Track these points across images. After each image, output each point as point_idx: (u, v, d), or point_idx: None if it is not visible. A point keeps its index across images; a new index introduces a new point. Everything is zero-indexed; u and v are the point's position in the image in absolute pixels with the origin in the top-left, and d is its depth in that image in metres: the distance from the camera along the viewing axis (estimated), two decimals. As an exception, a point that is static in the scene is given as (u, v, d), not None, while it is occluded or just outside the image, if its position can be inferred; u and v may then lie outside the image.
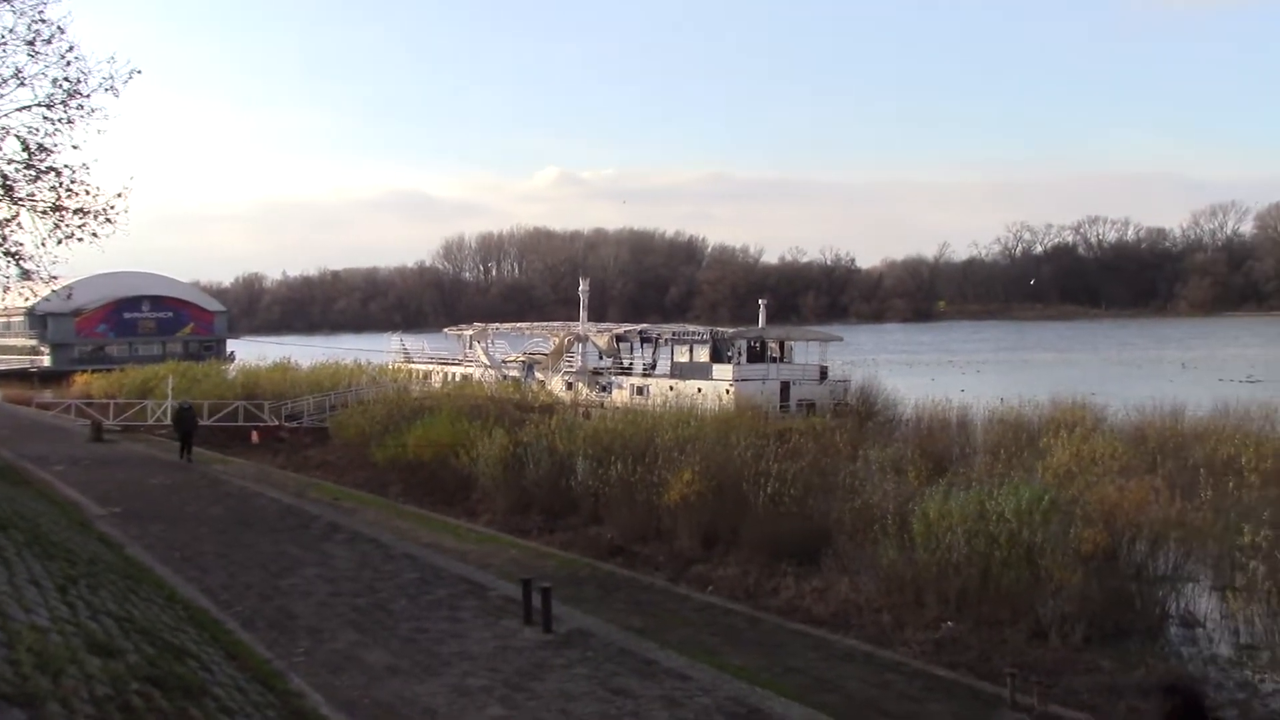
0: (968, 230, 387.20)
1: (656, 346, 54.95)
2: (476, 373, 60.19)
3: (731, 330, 56.54)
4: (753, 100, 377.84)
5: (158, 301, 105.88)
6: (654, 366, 53.85)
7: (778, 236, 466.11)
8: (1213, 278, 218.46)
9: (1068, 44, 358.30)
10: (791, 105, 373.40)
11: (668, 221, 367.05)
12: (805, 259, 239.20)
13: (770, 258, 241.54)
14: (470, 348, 65.62)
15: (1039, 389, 44.88)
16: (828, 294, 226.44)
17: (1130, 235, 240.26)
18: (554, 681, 14.02)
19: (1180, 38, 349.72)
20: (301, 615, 17.59)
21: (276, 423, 49.81)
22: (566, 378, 55.53)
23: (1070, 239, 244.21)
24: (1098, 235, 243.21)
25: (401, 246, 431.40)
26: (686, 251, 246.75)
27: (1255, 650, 16.75)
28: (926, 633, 17.57)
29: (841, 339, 58.80)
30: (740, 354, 49.36)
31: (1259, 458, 25.91)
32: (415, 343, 77.39)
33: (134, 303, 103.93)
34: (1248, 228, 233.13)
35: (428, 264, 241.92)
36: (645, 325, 60.62)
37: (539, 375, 57.41)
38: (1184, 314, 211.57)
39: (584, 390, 52.87)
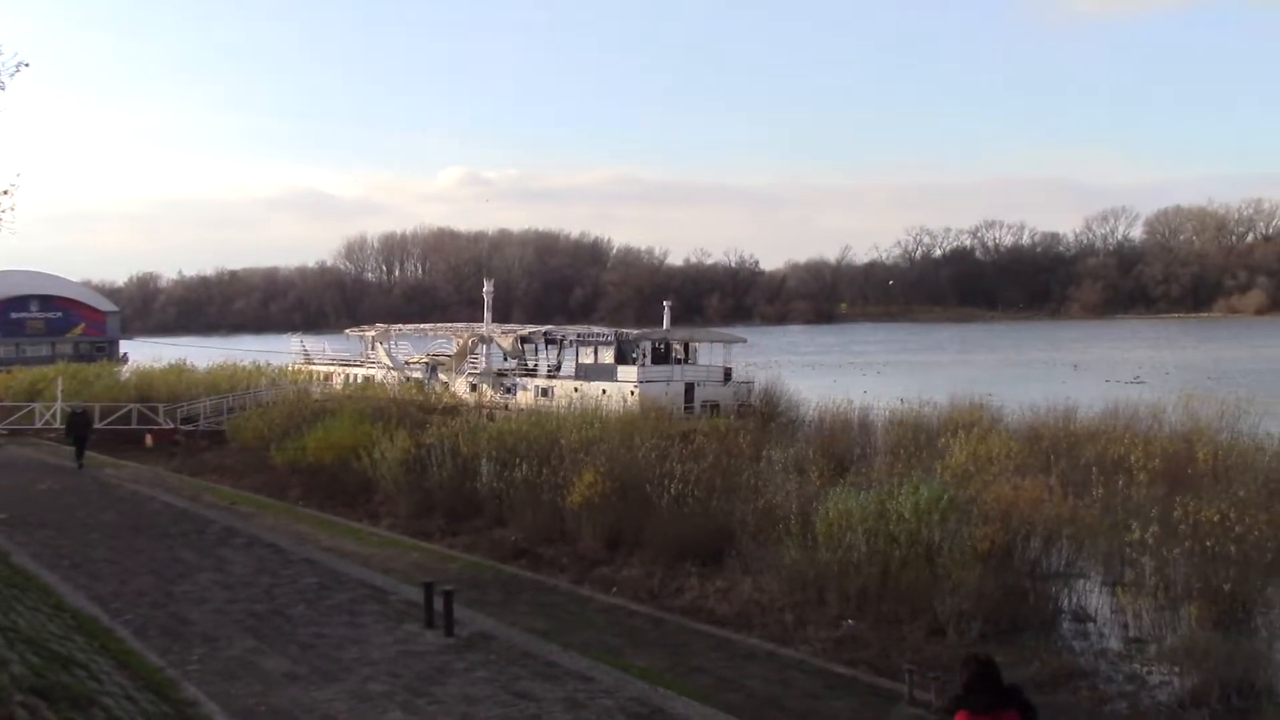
0: (869, 233, 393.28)
1: (561, 348, 54.83)
2: (379, 374, 59.48)
3: (636, 332, 56.60)
4: (657, 102, 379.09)
5: (46, 301, 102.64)
6: (559, 368, 53.71)
7: (682, 238, 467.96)
8: (1104, 281, 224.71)
9: (966, 49, 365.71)
10: (695, 108, 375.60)
11: (572, 222, 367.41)
12: (710, 261, 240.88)
13: (675, 259, 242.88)
14: (372, 349, 64.79)
15: (938, 390, 45.65)
16: (732, 296, 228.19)
17: (1025, 239, 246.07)
18: (456, 685, 13.90)
19: (1075, 45, 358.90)
20: (196, 622, 17.23)
21: (171, 426, 48.66)
22: (470, 379, 55.13)
23: (968, 243, 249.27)
24: (994, 239, 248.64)
25: (302, 246, 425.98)
26: (591, 253, 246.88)
27: (1143, 643, 17.20)
28: (828, 631, 17.77)
29: (745, 340, 59.16)
30: (645, 355, 49.41)
31: (1147, 457, 26.59)
32: (316, 344, 76.23)
33: (21, 302, 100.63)
34: (1137, 233, 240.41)
35: (329, 264, 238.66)
36: (550, 326, 60.43)
37: (442, 377, 56.90)
38: (1076, 316, 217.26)
39: (488, 392, 52.53)
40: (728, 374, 49.99)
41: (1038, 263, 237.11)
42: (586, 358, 51.53)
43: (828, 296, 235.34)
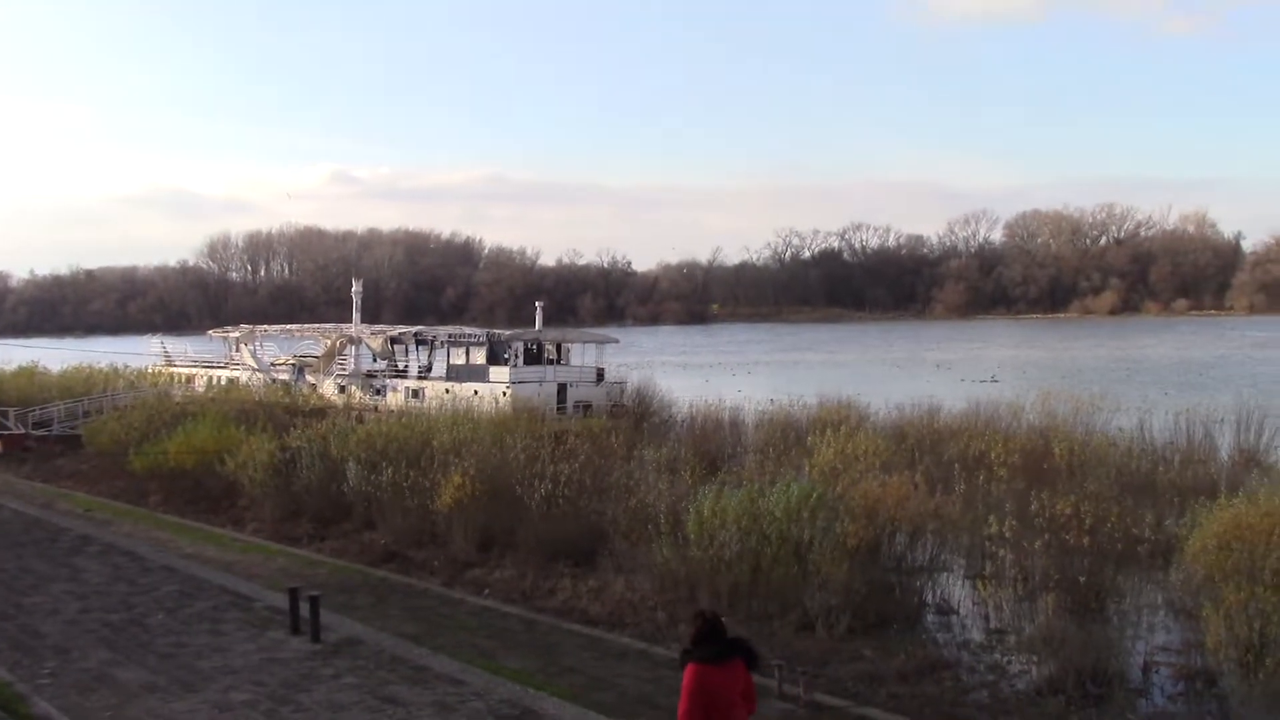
0: (740, 235, 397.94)
1: (432, 349, 54.17)
2: (244, 376, 58.03)
3: (508, 332, 56.28)
4: (528, 102, 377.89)
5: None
6: (429, 369, 53.08)
7: (555, 239, 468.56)
8: (966, 282, 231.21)
9: (832, 51, 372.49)
10: (566, 108, 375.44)
11: (444, 222, 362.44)
12: (582, 262, 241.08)
13: (547, 260, 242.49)
14: (237, 350, 63.13)
15: (807, 389, 46.38)
16: (605, 296, 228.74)
17: (891, 241, 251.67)
18: (322, 692, 13.61)
19: (936, 49, 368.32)
20: (48, 634, 16.57)
21: (23, 431, 46.78)
22: (339, 381, 54.16)
23: (836, 244, 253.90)
24: (861, 241, 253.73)
25: (164, 245, 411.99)
26: (463, 253, 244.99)
27: (1003, 634, 17.70)
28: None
29: (618, 341, 59.30)
30: (517, 356, 49.16)
31: (1007, 453, 27.40)
32: (177, 345, 74.11)
33: None
34: (998, 235, 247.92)
35: (191, 263, 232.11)
36: (421, 327, 59.72)
37: (310, 378, 55.79)
38: (940, 316, 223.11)
39: (357, 394, 51.67)
40: (600, 374, 50.02)
41: (903, 264, 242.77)
42: (458, 359, 51.06)
43: (699, 297, 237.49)
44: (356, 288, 59.07)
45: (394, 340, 55.70)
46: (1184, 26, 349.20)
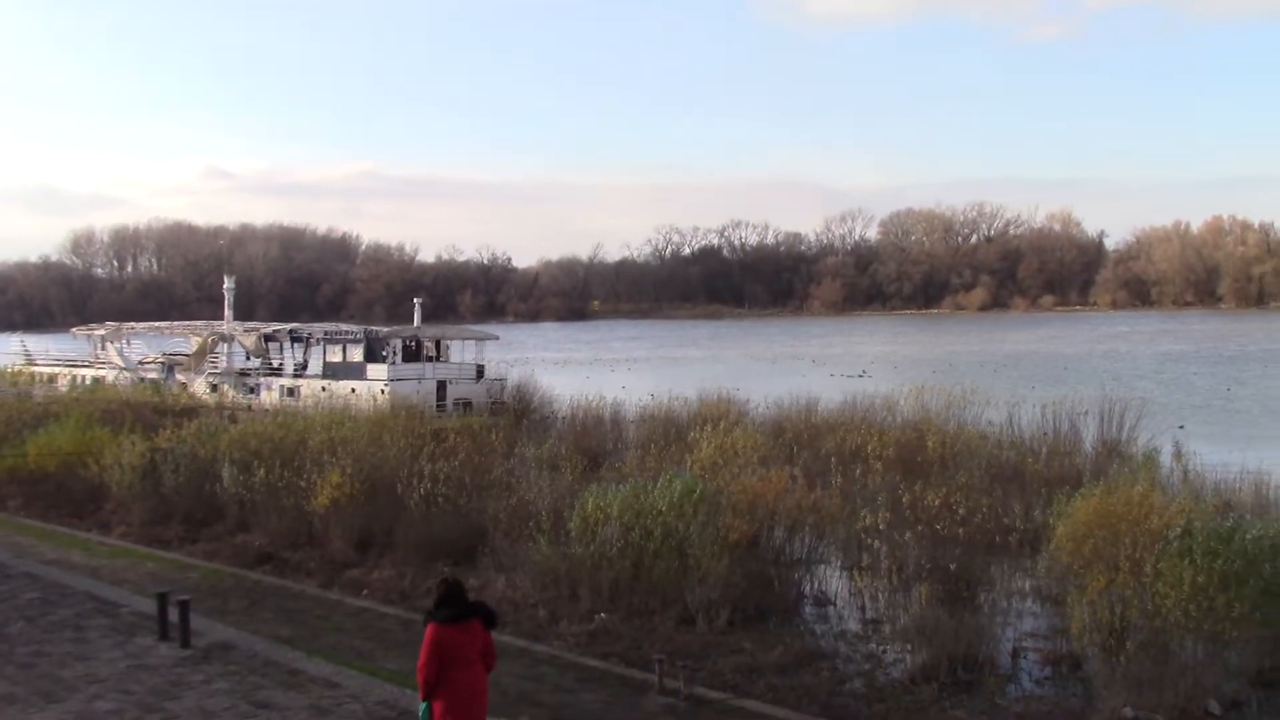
0: (621, 232, 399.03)
1: (308, 346, 53.24)
2: (110, 375, 56.28)
3: (386, 329, 55.62)
4: (406, 96, 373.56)
5: None
6: (305, 367, 52.16)
7: (434, 235, 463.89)
8: (843, 279, 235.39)
9: (708, 52, 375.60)
10: (444, 103, 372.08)
11: (320, 217, 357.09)
12: (462, 258, 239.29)
13: (426, 256, 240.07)
14: (102, 349, 61.19)
15: (687, 385, 46.69)
16: (485, 293, 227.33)
17: (770, 239, 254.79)
18: (192, 699, 13.25)
19: (807, 49, 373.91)
20: (-102, 646, 15.81)
21: None
22: (211, 379, 52.88)
23: (716, 241, 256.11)
24: (740, 238, 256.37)
25: (25, 241, 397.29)
26: (340, 249, 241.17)
27: (879, 624, 18.04)
28: (581, 625, 17.84)
29: (498, 338, 59.05)
30: (395, 353, 48.61)
31: (882, 446, 27.93)
32: (39, 344, 71.65)
33: None
34: (873, 233, 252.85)
35: (54, 259, 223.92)
36: (296, 324, 58.64)
37: (180, 377, 54.37)
38: (817, 313, 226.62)
39: (230, 392, 50.51)
40: (480, 371, 49.75)
41: (781, 261, 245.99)
42: (334, 356, 50.25)
43: (580, 294, 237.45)
44: (229, 284, 57.75)
45: (268, 338, 54.61)
46: (1048, 32, 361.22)
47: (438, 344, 51.41)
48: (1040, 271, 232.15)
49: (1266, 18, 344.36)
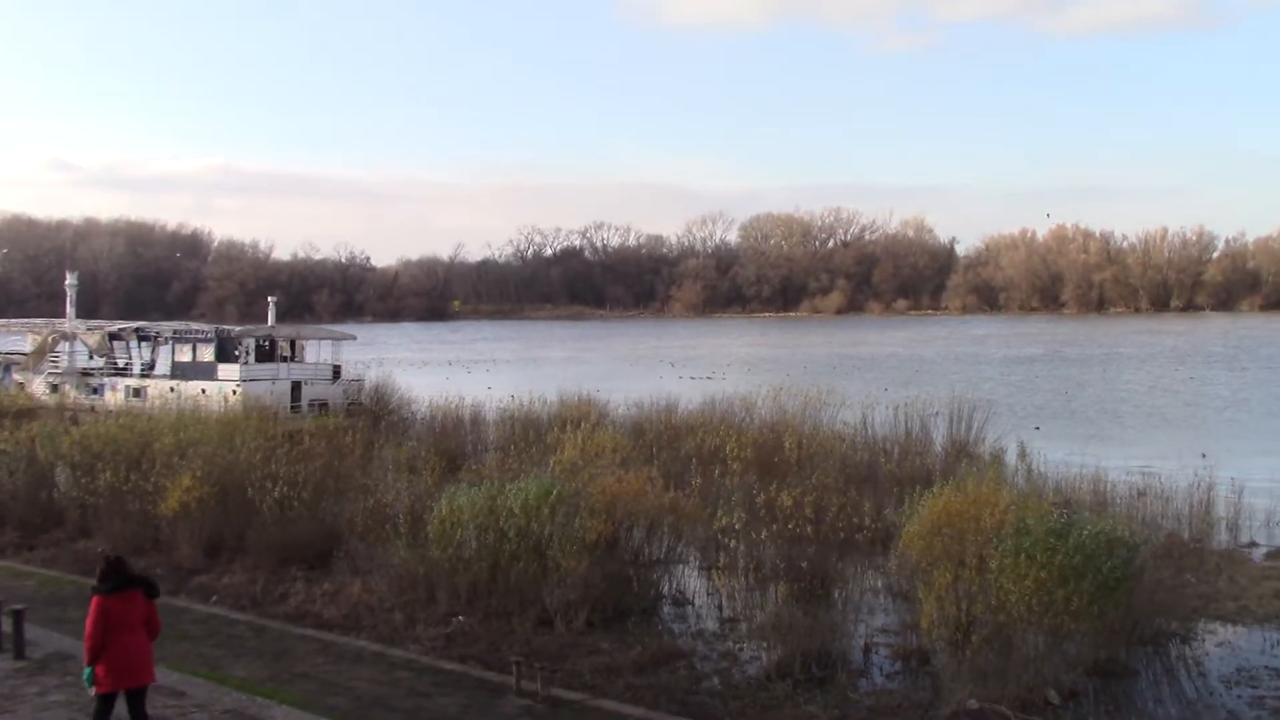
0: (482, 232, 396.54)
1: (156, 345, 51.50)
2: (-60, 376, 53.64)
3: (239, 328, 54.20)
4: (260, 90, 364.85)
5: None
6: (153, 367, 50.46)
7: (290, 232, 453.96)
8: (703, 281, 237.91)
9: (570, 53, 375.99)
10: (301, 98, 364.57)
11: (170, 213, 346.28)
12: (319, 256, 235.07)
13: (282, 254, 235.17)
14: (-68, 348, 58.34)
15: (548, 386, 46.61)
16: (342, 292, 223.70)
17: (632, 240, 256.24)
18: (26, 712, 12.72)
19: (666, 54, 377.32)
20: None
21: None
22: (51, 380, 50.82)
23: (577, 243, 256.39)
24: (602, 240, 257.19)
25: None
26: (190, 245, 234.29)
27: (736, 622, 18.26)
28: (438, 628, 17.66)
29: (355, 338, 58.10)
30: (248, 353, 47.39)
31: (740, 447, 28.30)
32: None
33: None
34: (733, 236, 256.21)
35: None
36: (143, 323, 56.75)
37: (18, 377, 52.14)
38: (678, 315, 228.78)
39: (71, 393, 48.60)
40: (337, 372, 48.86)
41: (643, 263, 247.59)
42: (184, 356, 48.76)
43: (441, 294, 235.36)
44: (71, 280, 55.67)
45: (114, 336, 52.71)
46: (904, 43, 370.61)
47: (292, 344, 50.29)
48: (894, 276, 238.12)
49: (1111, 35, 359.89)
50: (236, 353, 47.10)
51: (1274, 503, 26.17)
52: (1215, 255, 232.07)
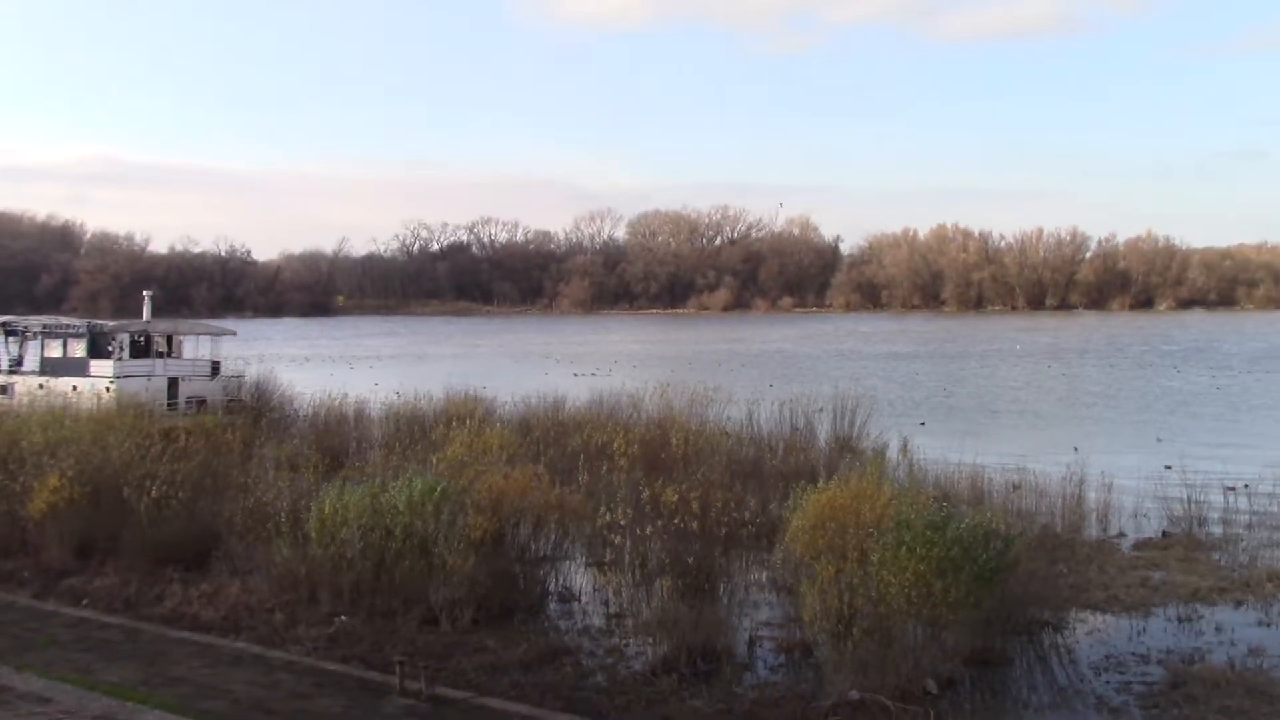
0: (367, 226, 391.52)
1: (24, 340, 49.57)
2: None
3: (112, 323, 52.45)
4: (140, 79, 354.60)
5: None
6: (20, 363, 48.60)
7: (169, 225, 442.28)
8: (591, 278, 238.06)
9: (460, 48, 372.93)
10: (180, 87, 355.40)
11: (40, 204, 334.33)
12: (198, 250, 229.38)
13: (159, 247, 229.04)
14: None
15: (435, 383, 46.13)
16: (222, 286, 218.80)
17: (519, 236, 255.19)
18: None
19: (562, 53, 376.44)
20: None
21: None
22: (-89, 376, 48.63)
23: (465, 238, 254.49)
24: (490, 235, 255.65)
25: None
26: (62, 237, 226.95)
27: (622, 618, 18.29)
28: (320, 629, 17.36)
29: (235, 333, 56.77)
30: (122, 349, 45.93)
31: (626, 443, 28.33)
32: None
33: None
34: (621, 233, 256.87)
35: None
36: (9, 317, 54.57)
37: (-126, 373, 49.76)
38: (566, 311, 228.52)
39: (-69, 390, 46.59)
40: (216, 368, 47.64)
41: (531, 259, 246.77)
42: (54, 351, 47.06)
43: (324, 289, 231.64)
44: (-70, 273, 53.32)
45: (-22, 331, 50.63)
46: (791, 44, 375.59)
47: (169, 339, 48.87)
48: (780, 274, 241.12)
49: (989, 39, 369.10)
50: (110, 348, 45.64)
51: (1141, 495, 27.11)
52: (1088, 256, 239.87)
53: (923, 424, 45.80)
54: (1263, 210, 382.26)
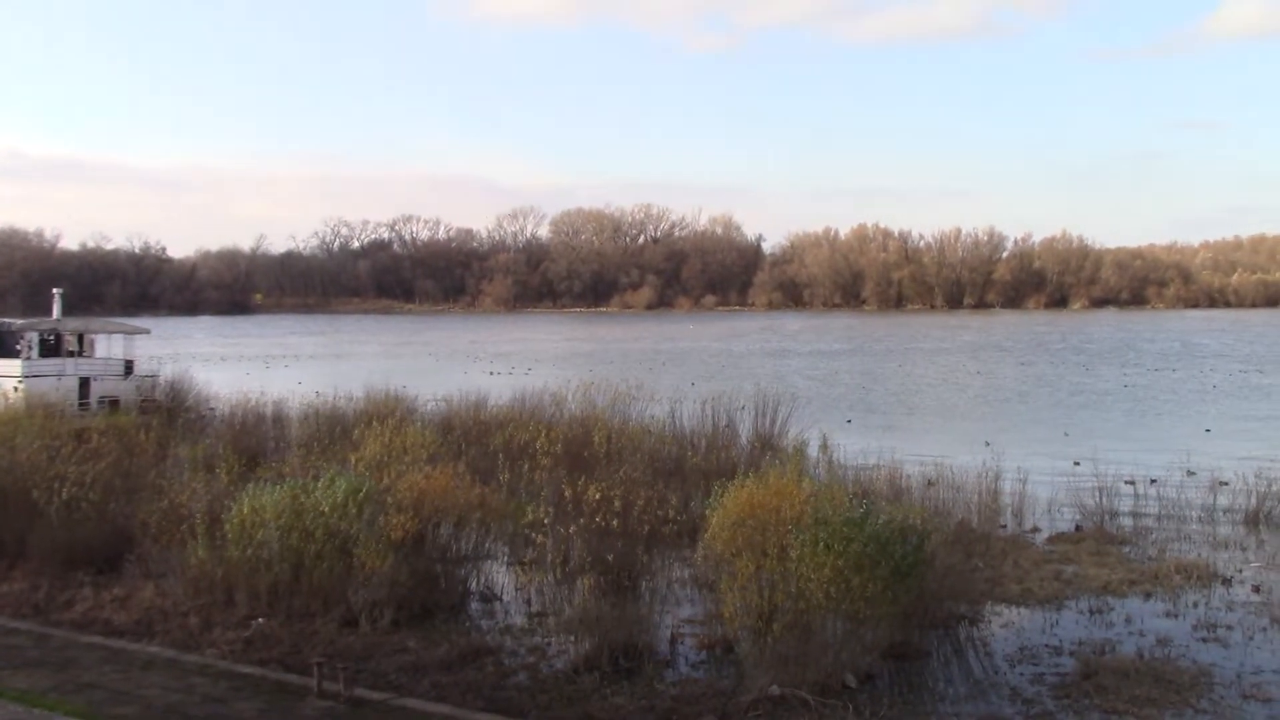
0: (286, 223, 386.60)
1: (-73, 339, 48.27)
2: None
3: (21, 321, 51.25)
4: (47, 67, 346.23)
5: None
6: (-77, 362, 47.30)
7: (80, 221, 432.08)
8: (514, 276, 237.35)
9: (378, 44, 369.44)
10: (91, 76, 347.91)
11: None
12: (111, 246, 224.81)
13: (70, 243, 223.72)
14: None
15: (355, 382, 45.68)
16: (136, 284, 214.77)
17: (441, 234, 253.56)
18: None
19: (483, 51, 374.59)
20: None
21: None
22: None
23: (386, 235, 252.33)
24: (411, 233, 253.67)
25: None
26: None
27: (544, 617, 18.24)
28: (236, 631, 17.11)
29: (149, 331, 55.76)
30: (31, 347, 44.87)
31: (549, 442, 28.30)
32: None
33: None
34: (544, 231, 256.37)
35: None
36: (-88, 315, 53.14)
37: None
38: (489, 309, 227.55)
39: None
40: (129, 367, 46.78)
41: (453, 257, 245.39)
42: (-42, 350, 45.83)
43: (242, 287, 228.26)
44: None
45: (-125, 330, 49.10)
46: (709, 44, 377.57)
47: (80, 338, 47.86)
48: (703, 272, 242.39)
49: (907, 43, 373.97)
50: (18, 347, 44.56)
51: (1054, 490, 27.67)
52: (1005, 255, 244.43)
53: (849, 421, 46.36)
54: (1172, 211, 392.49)
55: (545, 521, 19.24)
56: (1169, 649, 16.50)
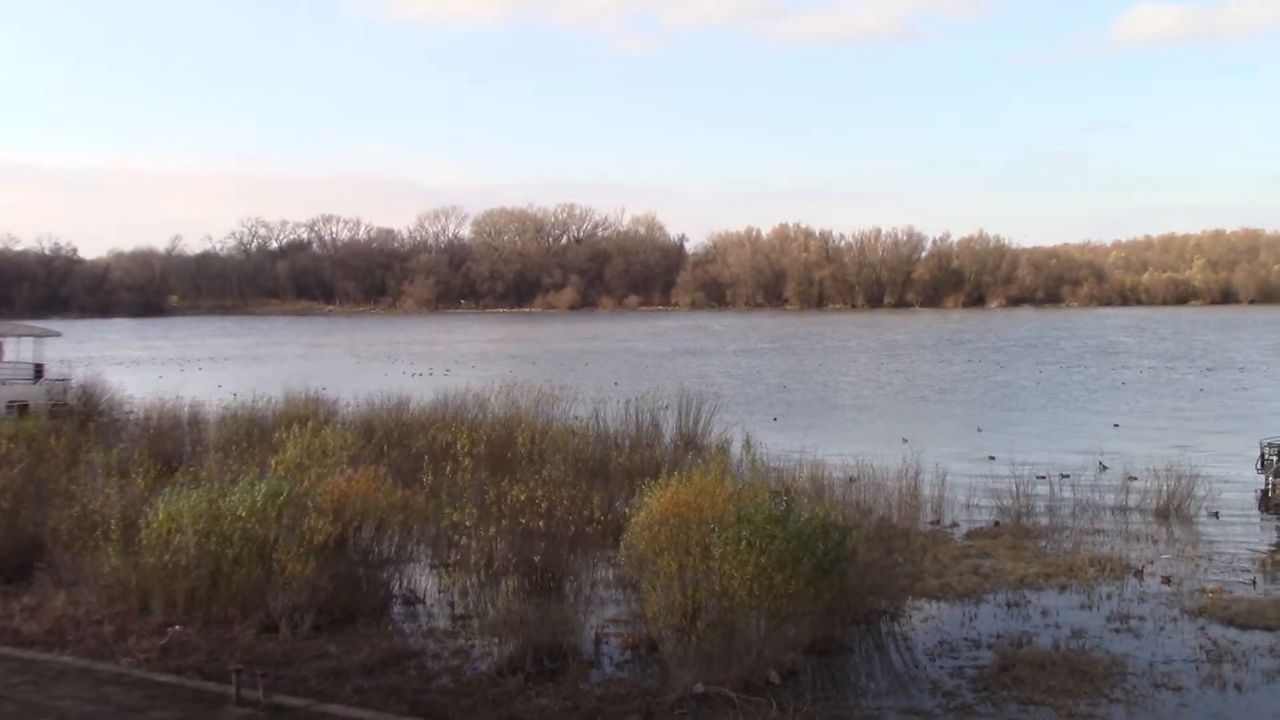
0: (201, 224, 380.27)
1: None
2: None
3: (-73, 325, 49.85)
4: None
5: None
6: None
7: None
8: (436, 277, 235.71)
9: (295, 42, 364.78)
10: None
11: None
12: (19, 248, 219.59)
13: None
14: None
15: (273, 384, 45.04)
16: (46, 286, 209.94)
17: (362, 234, 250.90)
18: None
19: (405, 51, 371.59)
20: None
21: None
22: None
23: (305, 236, 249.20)
24: (331, 234, 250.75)
25: None
26: None
27: (468, 619, 18.11)
28: (152, 639, 16.77)
29: (60, 334, 54.59)
30: (-64, 351, 43.70)
31: (473, 443, 28.10)
32: None
33: None
34: (466, 231, 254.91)
35: None
36: None
37: None
38: (410, 310, 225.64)
39: None
40: (39, 371, 45.65)
41: (374, 258, 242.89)
42: None
43: (157, 288, 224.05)
44: None
45: None
46: (639, 45, 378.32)
47: (-12, 341, 46.66)
48: (626, 272, 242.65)
49: (827, 45, 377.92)
50: (-77, 351, 43.37)
51: (972, 486, 28.11)
52: (923, 255, 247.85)
53: (775, 419, 46.69)
54: (1085, 211, 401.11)
55: (469, 523, 19.10)
56: (1084, 640, 16.85)
